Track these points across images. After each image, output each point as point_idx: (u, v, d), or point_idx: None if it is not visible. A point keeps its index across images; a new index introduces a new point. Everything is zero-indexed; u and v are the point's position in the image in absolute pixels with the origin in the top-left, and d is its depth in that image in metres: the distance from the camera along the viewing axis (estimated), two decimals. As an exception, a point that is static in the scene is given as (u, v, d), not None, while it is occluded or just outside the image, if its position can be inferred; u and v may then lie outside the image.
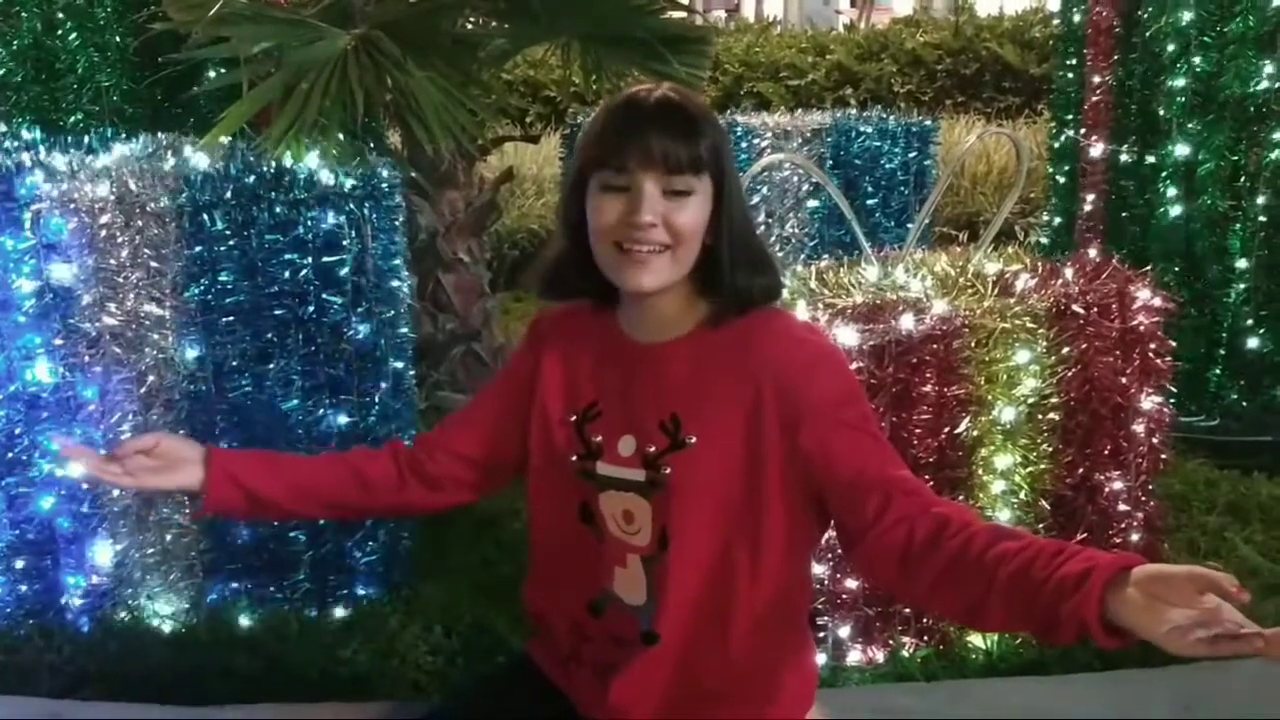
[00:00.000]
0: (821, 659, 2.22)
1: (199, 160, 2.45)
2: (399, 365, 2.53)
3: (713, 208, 1.41)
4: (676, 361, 1.46)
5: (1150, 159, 3.76)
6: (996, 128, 4.01)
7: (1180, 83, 3.60)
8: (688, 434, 1.42)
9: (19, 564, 2.34)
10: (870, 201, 4.46)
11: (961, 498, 2.23)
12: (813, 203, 4.40)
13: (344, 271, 2.37)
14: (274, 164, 2.42)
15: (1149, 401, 2.34)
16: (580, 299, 1.52)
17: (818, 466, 1.39)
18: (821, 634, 2.22)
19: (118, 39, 3.42)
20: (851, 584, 2.21)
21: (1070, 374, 2.25)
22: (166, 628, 2.40)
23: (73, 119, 3.36)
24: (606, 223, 1.39)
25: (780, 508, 1.42)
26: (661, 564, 1.43)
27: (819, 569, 2.17)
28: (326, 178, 2.37)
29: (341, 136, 2.64)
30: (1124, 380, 2.30)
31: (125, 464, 1.52)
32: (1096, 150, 3.96)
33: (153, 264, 2.30)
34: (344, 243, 2.36)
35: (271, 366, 2.36)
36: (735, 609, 1.43)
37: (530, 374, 1.56)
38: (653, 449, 1.43)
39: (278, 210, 2.31)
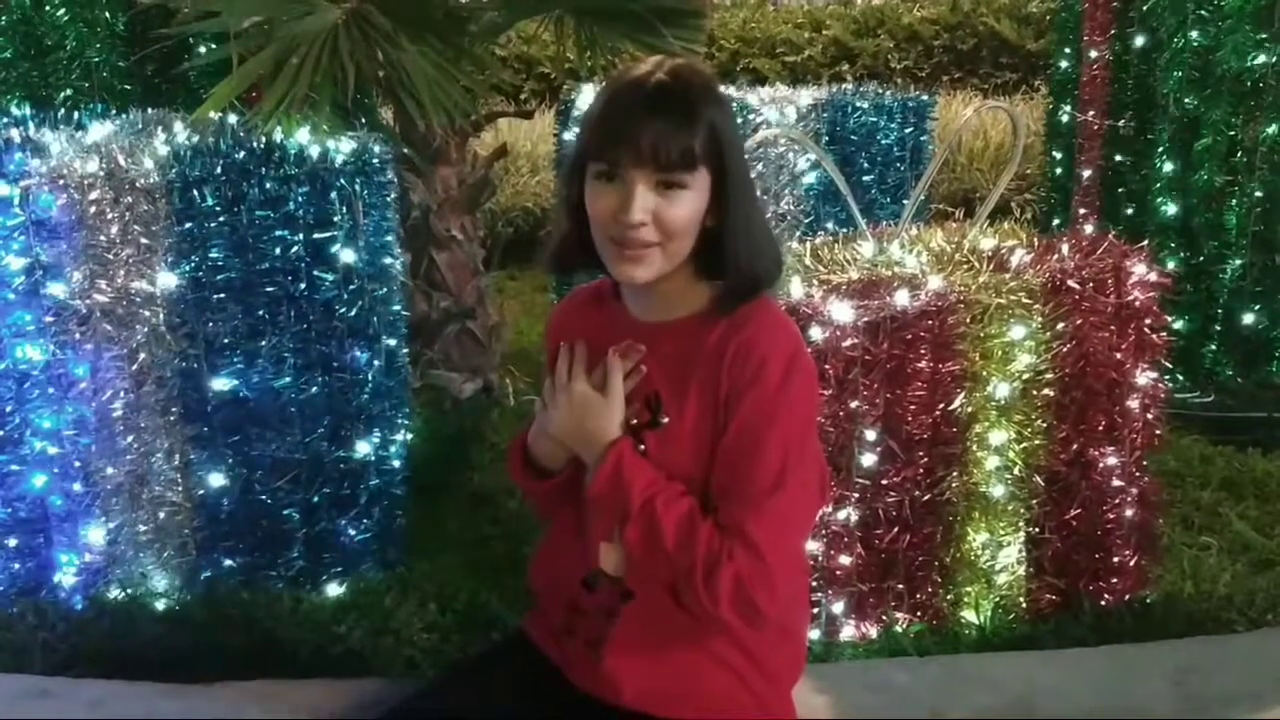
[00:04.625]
0: (815, 634, 2.22)
1: (189, 136, 2.43)
2: (392, 343, 2.52)
3: (714, 192, 1.40)
4: (669, 342, 1.48)
5: (1147, 134, 3.75)
6: (994, 101, 3.98)
7: (1178, 57, 3.58)
8: (663, 414, 1.47)
9: (11, 542, 2.33)
10: (866, 178, 4.41)
11: (955, 473, 2.23)
12: (808, 179, 4.37)
13: (335, 248, 2.35)
14: (264, 139, 2.40)
15: (1144, 377, 2.33)
16: (586, 272, 1.55)
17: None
18: (815, 609, 2.22)
19: (107, 14, 3.40)
20: (845, 560, 2.20)
21: (1065, 349, 2.24)
22: (160, 605, 2.39)
23: (62, 95, 3.34)
24: (600, 214, 1.40)
25: None
26: None
27: (813, 545, 2.16)
28: (317, 153, 2.35)
29: (332, 112, 2.62)
30: (1119, 355, 2.29)
31: None
32: (1093, 126, 3.95)
33: (143, 240, 2.28)
34: (335, 219, 2.34)
35: (263, 344, 2.34)
36: None
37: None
38: (634, 422, 1.48)
39: (268, 186, 2.30)
